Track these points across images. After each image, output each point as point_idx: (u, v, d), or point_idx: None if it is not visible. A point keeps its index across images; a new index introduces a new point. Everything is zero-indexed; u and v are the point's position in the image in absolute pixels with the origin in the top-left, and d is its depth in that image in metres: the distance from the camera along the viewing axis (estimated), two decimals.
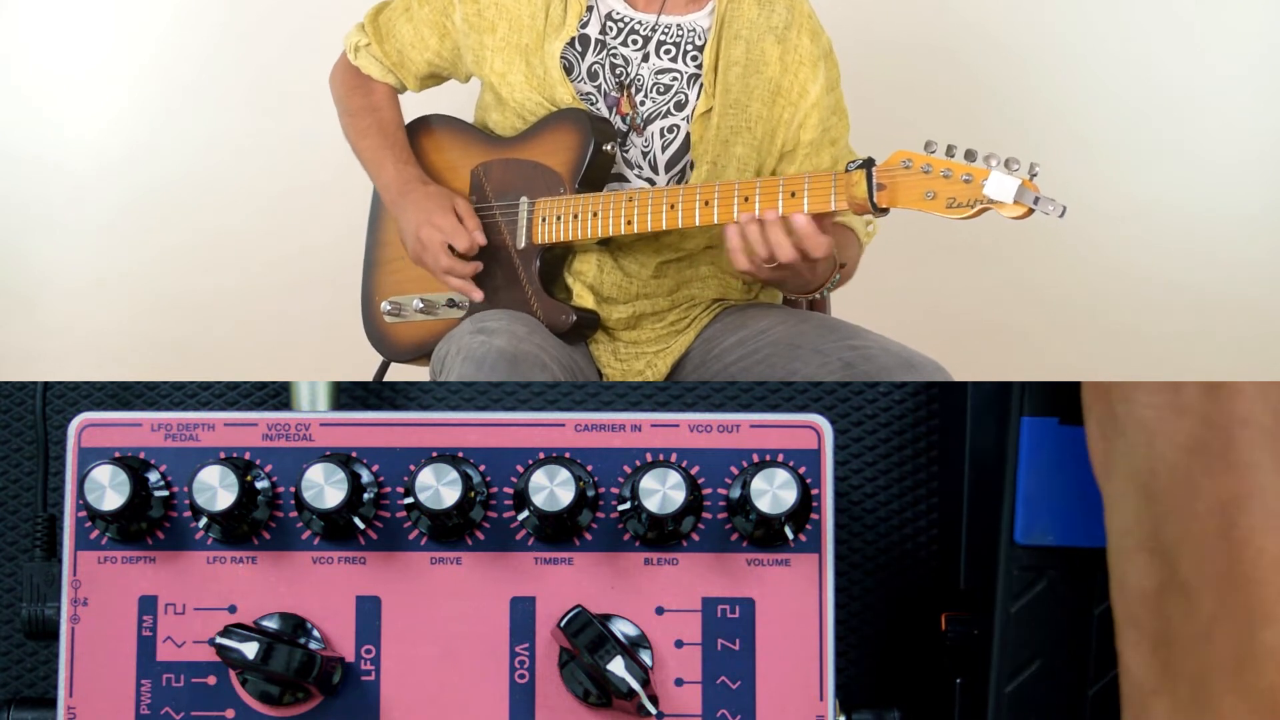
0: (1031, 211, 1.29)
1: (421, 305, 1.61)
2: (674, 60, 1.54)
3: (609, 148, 1.53)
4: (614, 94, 1.54)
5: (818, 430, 1.05)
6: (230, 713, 1.03)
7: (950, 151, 1.31)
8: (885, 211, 1.35)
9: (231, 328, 2.42)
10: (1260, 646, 0.81)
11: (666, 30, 1.54)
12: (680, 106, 1.54)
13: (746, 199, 1.41)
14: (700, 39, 1.54)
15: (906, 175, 1.33)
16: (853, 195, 1.34)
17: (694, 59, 1.54)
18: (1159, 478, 0.86)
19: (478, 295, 1.55)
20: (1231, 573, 0.82)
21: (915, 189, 1.33)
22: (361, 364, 1.72)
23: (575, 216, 1.51)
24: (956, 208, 1.31)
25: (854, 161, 1.34)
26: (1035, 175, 1.29)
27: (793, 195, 1.37)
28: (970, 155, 1.30)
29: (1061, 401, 1.04)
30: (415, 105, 1.71)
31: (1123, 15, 2.35)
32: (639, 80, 1.53)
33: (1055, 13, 2.37)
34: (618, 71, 1.53)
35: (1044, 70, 2.37)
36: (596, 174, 1.53)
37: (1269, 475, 0.82)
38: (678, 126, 1.54)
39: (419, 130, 1.68)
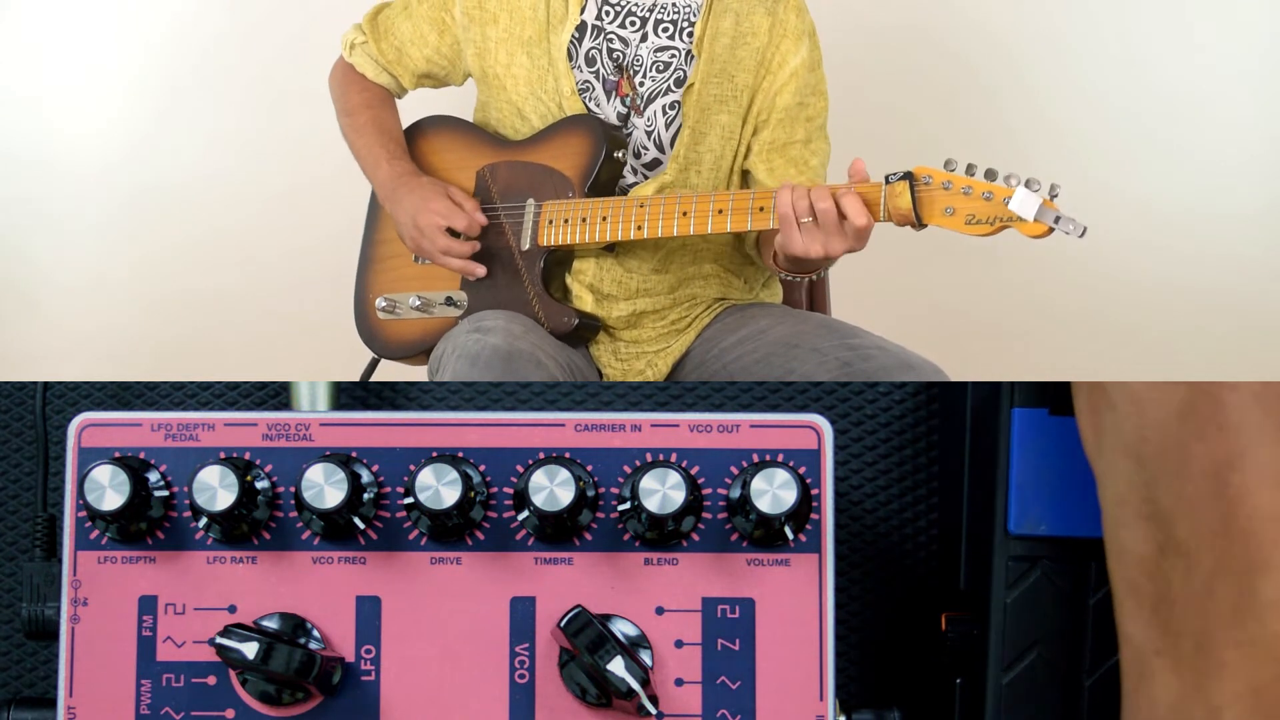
0: (1051, 231, 1.28)
1: (418, 303, 1.60)
2: (671, 38, 1.55)
3: (619, 155, 1.53)
4: (612, 77, 1.55)
5: (817, 430, 1.05)
6: (230, 713, 1.03)
7: (970, 170, 1.31)
8: (925, 225, 1.34)
9: (231, 328, 2.42)
10: (1261, 597, 0.82)
11: (663, 9, 1.56)
12: (680, 83, 1.55)
13: (761, 209, 1.41)
14: (695, 15, 1.55)
15: (926, 191, 1.33)
16: (896, 206, 1.33)
17: (690, 35, 1.55)
18: (1150, 444, 0.88)
19: (480, 270, 1.55)
20: (1228, 529, 0.84)
21: (934, 205, 1.32)
22: (361, 364, 1.72)
23: (584, 220, 1.51)
24: (975, 224, 1.31)
25: (894, 174, 1.34)
26: (1056, 195, 1.28)
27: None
28: (990, 174, 1.30)
29: (1051, 394, 1.06)
30: (412, 108, 1.71)
31: (1120, 13, 2.35)
32: (638, 61, 1.55)
33: (1052, 8, 2.37)
34: (615, 55, 1.54)
35: (1039, 67, 2.37)
36: (605, 180, 1.53)
37: (1258, 435, 0.84)
38: (678, 103, 1.55)
39: (421, 131, 1.67)
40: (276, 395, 1.27)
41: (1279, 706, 0.82)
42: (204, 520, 1.03)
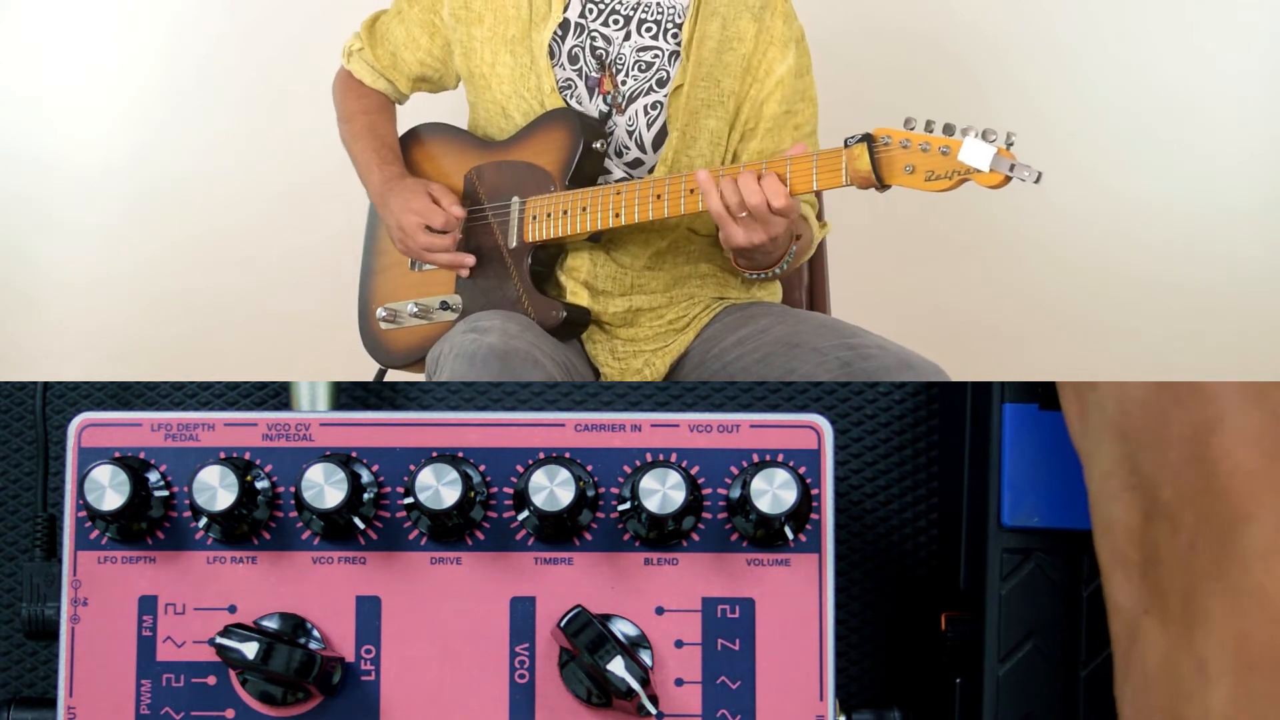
0: (1008, 180, 1.28)
1: (416, 310, 1.61)
2: (655, 38, 1.55)
3: (598, 145, 1.54)
4: (594, 75, 1.55)
5: (817, 430, 1.05)
6: (230, 713, 1.03)
7: (929, 126, 1.31)
8: (888, 186, 1.34)
9: (231, 328, 2.42)
10: (1243, 547, 0.84)
11: (648, 8, 1.56)
12: (662, 83, 1.55)
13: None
14: (680, 16, 1.56)
15: (885, 151, 1.33)
16: (856, 169, 1.34)
17: (674, 36, 1.56)
18: (1132, 416, 0.90)
19: (469, 260, 1.56)
20: (1209, 487, 0.86)
21: (894, 164, 1.32)
22: (361, 364, 1.72)
23: (565, 213, 1.51)
24: (935, 180, 1.31)
25: (853, 136, 1.34)
26: (1012, 144, 1.28)
27: (779, 177, 1.38)
28: (948, 129, 1.30)
29: (1041, 390, 1.07)
30: (413, 114, 1.72)
31: (1120, 13, 2.35)
32: (621, 59, 1.55)
33: (1050, 8, 2.37)
34: (598, 53, 1.55)
35: (1037, 66, 2.37)
36: (586, 172, 1.54)
37: (1235, 400, 0.86)
38: (660, 103, 1.55)
39: (411, 141, 1.69)
40: (276, 395, 1.27)
41: (1263, 653, 0.83)
42: (204, 520, 1.03)
